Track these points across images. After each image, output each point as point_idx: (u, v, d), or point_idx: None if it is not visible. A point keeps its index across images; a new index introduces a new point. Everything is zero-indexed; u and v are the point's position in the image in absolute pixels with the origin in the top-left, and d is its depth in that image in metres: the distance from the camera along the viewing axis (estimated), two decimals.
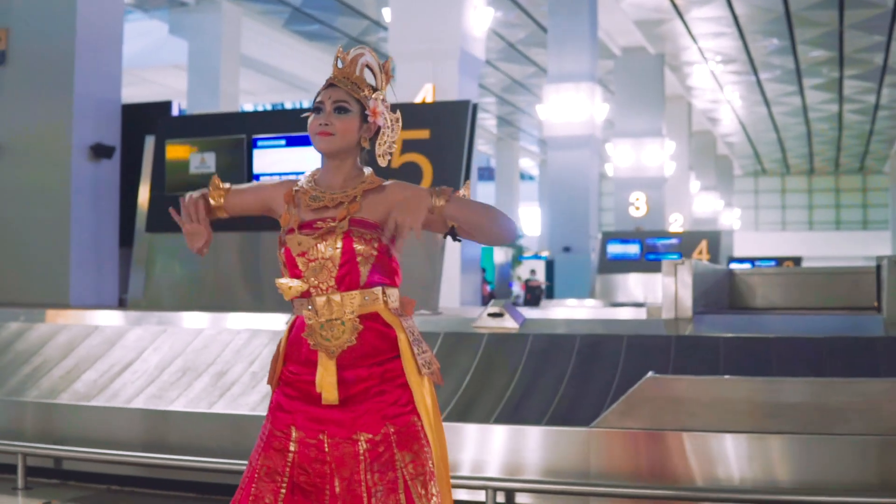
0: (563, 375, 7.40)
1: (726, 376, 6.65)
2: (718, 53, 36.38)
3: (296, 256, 3.36)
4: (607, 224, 51.56)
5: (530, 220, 58.59)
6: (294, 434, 3.31)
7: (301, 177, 3.52)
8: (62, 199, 13.69)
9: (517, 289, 33.76)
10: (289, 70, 36.90)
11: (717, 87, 41.34)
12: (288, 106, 46.91)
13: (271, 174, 12.55)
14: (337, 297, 3.31)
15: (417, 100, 19.14)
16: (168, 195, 12.35)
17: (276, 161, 12.58)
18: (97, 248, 14.07)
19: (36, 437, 7.98)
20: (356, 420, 3.27)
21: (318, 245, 3.33)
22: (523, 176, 63.15)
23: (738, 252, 50.63)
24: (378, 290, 3.35)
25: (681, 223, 41.26)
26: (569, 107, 29.55)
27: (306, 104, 46.86)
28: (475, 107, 12.33)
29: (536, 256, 37.86)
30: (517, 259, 36.56)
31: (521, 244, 39.09)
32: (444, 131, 12.08)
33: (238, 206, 3.58)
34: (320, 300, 3.32)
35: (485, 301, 26.03)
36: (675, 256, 28.34)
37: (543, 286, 31.78)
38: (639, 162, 36.39)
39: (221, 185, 3.56)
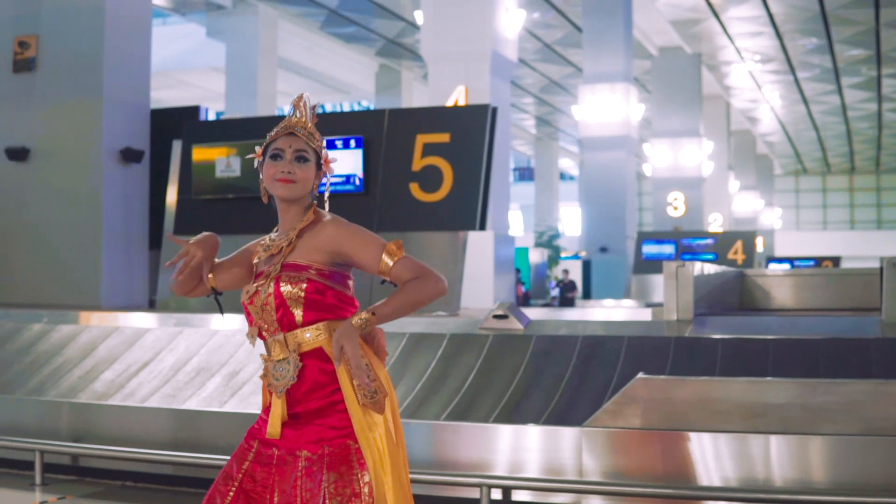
0: (563, 376, 7.57)
1: (714, 377, 6.80)
2: (756, 53, 36.31)
3: (246, 304, 3.56)
4: (648, 224, 51.52)
5: (571, 221, 58.61)
6: (255, 446, 3.53)
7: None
8: (93, 202, 13.97)
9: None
10: (326, 72, 37.14)
11: (756, 86, 41.24)
12: (328, 108, 47.22)
13: None
14: (281, 338, 3.48)
15: (450, 102, 19.28)
16: (195, 198, 12.63)
17: None
18: (127, 251, 14.35)
19: (55, 434, 8.24)
20: (300, 438, 3.46)
21: (260, 291, 3.51)
22: (564, 176, 63.20)
23: (780, 252, 50.56)
24: (322, 325, 3.49)
25: (720, 223, 41.20)
26: (604, 107, 29.62)
27: (346, 107, 47.24)
28: (495, 111, 12.49)
29: (575, 257, 37.90)
30: (554, 259, 36.62)
31: (557, 244, 39.13)
32: (465, 135, 12.26)
33: (229, 282, 3.74)
34: (270, 341, 3.51)
35: (519, 302, 26.15)
36: (710, 257, 28.39)
37: (570, 284, 31.63)
38: (676, 162, 36.40)
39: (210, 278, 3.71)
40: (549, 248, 37.64)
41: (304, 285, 3.45)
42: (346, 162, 12.57)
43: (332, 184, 11.79)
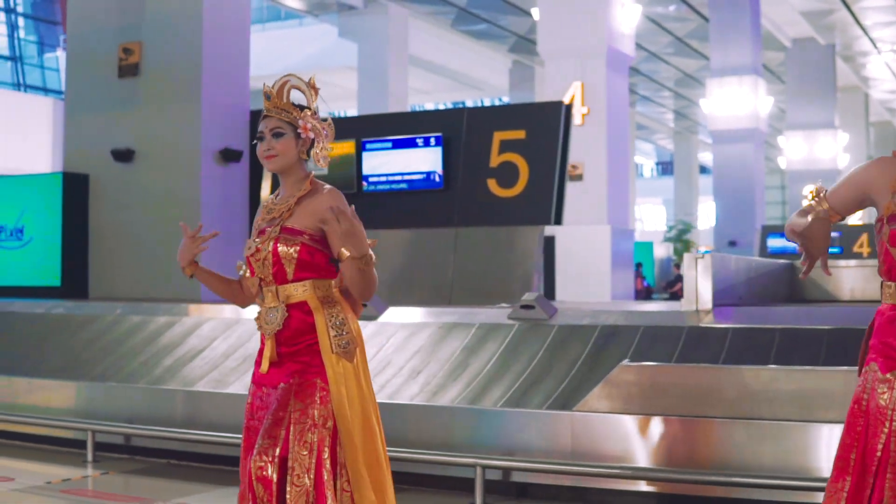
0: (576, 363, 7.90)
1: (692, 364, 7.08)
2: (894, 43, 35.66)
3: (248, 257, 4.17)
4: (785, 218, 50.77)
5: (708, 215, 58.04)
6: (252, 389, 4.17)
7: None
8: (192, 201, 14.63)
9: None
10: (459, 69, 37.60)
11: (894, 77, 40.45)
12: (469, 104, 47.65)
13: (378, 175, 13.31)
14: (273, 289, 4.10)
15: (566, 99, 19.51)
16: None
17: (382, 163, 13.36)
18: (227, 247, 14.94)
19: (115, 417, 8.85)
20: (279, 373, 4.05)
21: (260, 248, 4.11)
22: (705, 170, 62.51)
23: None
24: (308, 282, 4.09)
25: (859, 216, 40.46)
26: (732, 100, 29.52)
27: (486, 102, 47.63)
28: (569, 108, 12.85)
29: (710, 251, 37.60)
30: (681, 253, 36.42)
31: (687, 239, 38.93)
32: (539, 132, 12.63)
33: None
34: (266, 290, 4.14)
35: (637, 296, 26.15)
36: (836, 250, 28.11)
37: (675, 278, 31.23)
38: (811, 154, 35.99)
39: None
40: (679, 242, 37.48)
41: (298, 248, 4.05)
42: (427, 159, 13.08)
43: (413, 181, 12.19)
